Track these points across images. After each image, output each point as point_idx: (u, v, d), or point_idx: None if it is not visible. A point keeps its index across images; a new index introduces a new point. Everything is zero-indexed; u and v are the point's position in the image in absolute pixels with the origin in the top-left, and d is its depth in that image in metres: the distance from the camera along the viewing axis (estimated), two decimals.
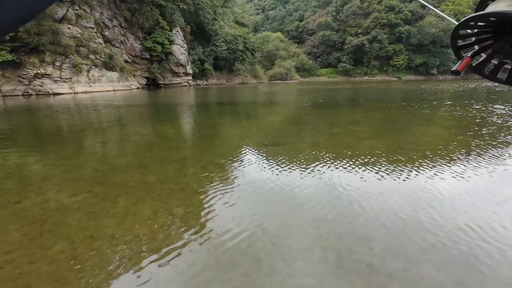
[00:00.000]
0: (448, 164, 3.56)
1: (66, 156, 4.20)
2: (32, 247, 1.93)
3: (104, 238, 2.03)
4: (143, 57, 30.85)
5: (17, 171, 3.59)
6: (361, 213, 2.34)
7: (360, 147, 4.43)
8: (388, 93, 17.88)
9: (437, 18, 61.41)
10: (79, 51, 22.32)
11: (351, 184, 2.96)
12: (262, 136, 5.40)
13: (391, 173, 3.26)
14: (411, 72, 66.65)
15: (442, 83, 32.40)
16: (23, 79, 19.02)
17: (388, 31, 65.19)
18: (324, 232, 2.08)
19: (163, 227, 2.17)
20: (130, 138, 5.50)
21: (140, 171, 3.42)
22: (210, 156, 4.07)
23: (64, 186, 3.00)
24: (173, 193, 2.78)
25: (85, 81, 22.47)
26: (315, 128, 6.12)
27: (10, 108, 11.47)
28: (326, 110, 9.59)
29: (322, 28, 72.42)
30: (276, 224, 2.19)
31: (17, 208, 2.52)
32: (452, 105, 10.01)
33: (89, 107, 11.28)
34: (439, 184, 2.95)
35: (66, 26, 21.61)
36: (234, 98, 15.83)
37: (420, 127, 6.07)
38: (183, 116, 9.07)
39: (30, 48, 19.23)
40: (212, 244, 1.95)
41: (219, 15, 43.44)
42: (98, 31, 24.94)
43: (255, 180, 3.12)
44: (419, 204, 2.50)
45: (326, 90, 22.37)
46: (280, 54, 62.41)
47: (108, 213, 2.39)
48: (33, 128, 6.92)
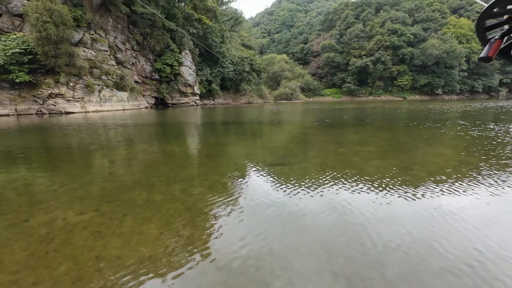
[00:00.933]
0: (460, 185, 3.48)
1: (75, 174, 4.26)
2: (38, 267, 1.92)
3: (110, 259, 2.01)
4: (153, 77, 31.96)
5: (27, 188, 3.64)
6: (371, 236, 2.27)
7: (368, 167, 4.39)
8: (394, 112, 17.92)
9: (439, 40, 62.55)
10: (92, 72, 23.29)
11: (359, 205, 2.90)
12: (268, 156, 5.41)
13: (400, 194, 3.19)
14: (416, 92, 67.05)
15: (448, 103, 32.40)
16: (37, 98, 19.78)
17: (391, 53, 66.51)
18: (333, 255, 2.02)
19: (169, 248, 2.14)
20: (138, 157, 5.57)
21: (147, 190, 3.43)
22: (217, 175, 4.08)
23: (72, 204, 3.02)
24: (180, 213, 2.77)
25: (96, 101, 23.22)
26: (322, 148, 6.11)
27: (23, 127, 11.84)
28: (332, 130, 9.61)
29: (326, 50, 74.50)
30: (284, 247, 2.14)
31: (25, 226, 2.53)
32: (460, 125, 9.94)
33: (99, 126, 11.56)
34: (451, 206, 2.87)
35: (82, 49, 22.76)
36: (240, 117, 16.06)
37: (428, 148, 6.00)
38: (190, 135, 9.20)
39: (47, 70, 20.19)
40: (218, 267, 1.90)
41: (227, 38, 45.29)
42: (111, 54, 26.14)
43: (261, 200, 3.09)
44: (431, 227, 2.42)
45: (332, 109, 22.56)
46: (285, 75, 63.94)
47: (115, 232, 2.38)
48: (44, 146, 7.09)
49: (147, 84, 31.62)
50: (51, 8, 18.98)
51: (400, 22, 67.35)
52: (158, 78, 32.26)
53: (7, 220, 2.67)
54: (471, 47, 63.69)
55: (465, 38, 64.26)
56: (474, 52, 64.09)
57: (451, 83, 64.82)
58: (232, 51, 43.71)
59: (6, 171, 4.55)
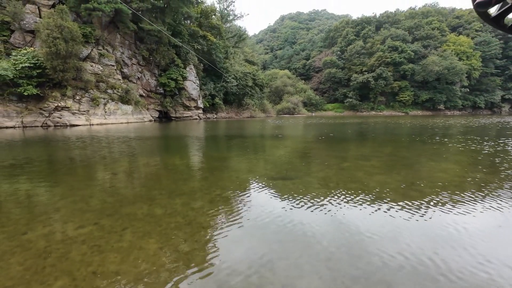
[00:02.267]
0: (466, 201, 3.40)
1: (76, 187, 4.24)
2: (33, 283, 1.86)
3: (107, 275, 1.95)
4: (157, 91, 32.51)
5: (27, 200, 3.61)
6: (377, 254, 2.19)
7: (372, 182, 4.32)
8: (397, 127, 17.91)
9: (440, 57, 63.53)
10: (98, 86, 23.78)
11: (364, 221, 2.83)
12: (270, 170, 5.37)
13: (406, 210, 3.12)
14: (418, 107, 67.43)
15: (450, 119, 32.40)
16: (44, 111, 20.11)
17: (392, 69, 67.52)
18: (338, 274, 1.94)
19: (168, 264, 2.07)
20: (140, 170, 5.55)
21: (148, 203, 3.39)
22: (218, 189, 4.03)
23: (71, 217, 2.98)
24: (180, 227, 2.71)
25: (101, 114, 23.54)
26: (324, 162, 6.06)
27: (28, 139, 11.96)
28: (335, 144, 9.58)
29: (328, 66, 75.90)
30: (286, 264, 2.07)
31: (23, 239, 2.49)
32: (464, 140, 9.87)
33: (102, 139, 11.64)
34: (457, 222, 2.79)
35: (89, 64, 23.37)
36: (242, 131, 16.12)
37: (432, 163, 5.93)
38: (192, 148, 9.21)
39: (54, 83, 20.68)
40: (219, 284, 1.84)
41: (231, 54, 46.37)
42: (118, 68, 26.78)
43: (263, 215, 3.03)
44: (438, 244, 2.34)
45: (334, 124, 22.63)
46: (287, 89, 64.86)
47: (113, 247, 2.33)
48: (46, 159, 7.12)
49: (152, 97, 32.13)
50: (61, 25, 19.71)
51: (401, 39, 68.78)
52: (162, 92, 32.80)
53: (5, 232, 2.63)
54: (471, 64, 64.50)
55: (465, 55, 65.19)
56: (475, 68, 64.85)
57: (453, 99, 65.21)
58: (236, 67, 44.60)
59: (8, 182, 4.54)
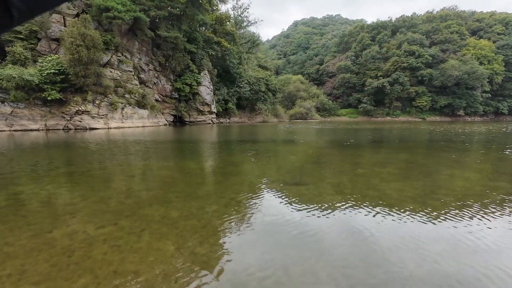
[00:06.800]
0: (489, 210, 3.26)
1: (96, 188, 4.40)
2: (59, 279, 1.95)
3: (127, 274, 2.01)
4: (172, 96, 33.29)
5: (51, 200, 3.79)
6: (396, 263, 2.15)
7: (388, 190, 4.23)
8: (413, 133, 17.41)
9: (459, 61, 61.43)
10: (116, 91, 24.67)
11: (381, 229, 2.77)
12: (284, 175, 5.36)
13: (425, 219, 3.03)
14: (436, 113, 65.25)
15: (470, 125, 31.09)
16: (65, 115, 21.07)
17: (409, 74, 65.84)
18: (355, 282, 1.91)
19: (185, 266, 2.12)
20: (156, 173, 5.70)
21: (165, 206, 3.47)
22: (232, 193, 4.07)
23: (92, 217, 3.10)
24: (196, 230, 2.76)
25: (119, 117, 24.35)
26: (339, 168, 5.99)
27: (51, 141, 12.54)
28: (349, 150, 9.44)
29: (341, 71, 75.07)
30: (301, 270, 2.06)
31: (49, 237, 2.61)
32: (485, 148, 9.46)
33: (120, 142, 12.03)
34: (481, 232, 2.68)
35: (109, 70, 24.35)
36: (255, 136, 16.19)
37: (452, 170, 5.73)
38: (206, 153, 9.34)
39: (76, 88, 21.68)
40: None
41: (244, 60, 46.92)
42: (135, 74, 27.71)
43: (277, 220, 3.03)
44: (461, 255, 2.25)
45: (349, 129, 22.29)
46: (300, 94, 64.62)
47: (132, 247, 2.40)
48: (68, 161, 7.43)
49: (167, 102, 32.92)
50: (84, 33, 20.73)
51: (418, 44, 67.12)
52: (177, 97, 33.56)
53: (32, 230, 2.77)
54: (493, 68, 61.94)
55: (486, 59, 62.72)
56: (497, 73, 62.22)
57: (474, 104, 62.70)
58: (249, 72, 45.04)
59: (34, 183, 4.79)
